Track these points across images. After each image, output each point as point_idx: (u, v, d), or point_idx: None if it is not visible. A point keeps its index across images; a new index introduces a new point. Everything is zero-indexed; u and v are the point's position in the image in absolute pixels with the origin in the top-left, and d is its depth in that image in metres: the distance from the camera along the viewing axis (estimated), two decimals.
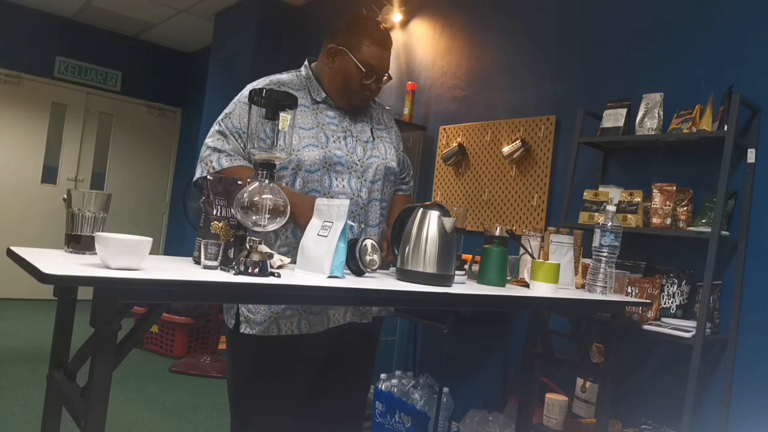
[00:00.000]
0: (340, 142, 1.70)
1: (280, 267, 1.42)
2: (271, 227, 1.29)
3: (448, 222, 1.50)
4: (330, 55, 1.72)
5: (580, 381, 2.46)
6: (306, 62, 1.82)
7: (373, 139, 1.79)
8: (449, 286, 1.51)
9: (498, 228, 1.76)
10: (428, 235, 1.49)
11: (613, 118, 2.53)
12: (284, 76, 1.75)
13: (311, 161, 1.63)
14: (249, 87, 1.70)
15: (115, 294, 1.06)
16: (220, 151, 1.65)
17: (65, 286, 1.27)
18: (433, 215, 1.51)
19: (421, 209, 1.53)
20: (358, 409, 1.92)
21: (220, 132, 1.68)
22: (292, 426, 1.72)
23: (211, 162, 1.65)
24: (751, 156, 2.25)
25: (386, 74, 1.74)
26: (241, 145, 1.66)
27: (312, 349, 1.70)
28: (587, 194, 2.54)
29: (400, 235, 1.59)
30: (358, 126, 1.77)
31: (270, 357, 1.66)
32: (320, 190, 1.65)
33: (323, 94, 1.73)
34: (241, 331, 1.64)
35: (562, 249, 1.95)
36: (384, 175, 1.77)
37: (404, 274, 1.50)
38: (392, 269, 1.72)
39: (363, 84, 1.69)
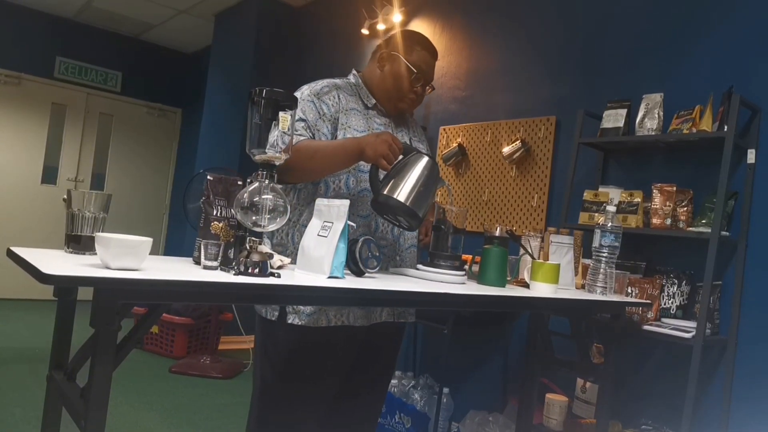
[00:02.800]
0: None
1: (280, 267, 1.42)
2: (271, 227, 1.29)
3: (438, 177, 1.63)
4: (382, 60, 1.81)
5: (580, 381, 2.46)
6: (353, 71, 1.90)
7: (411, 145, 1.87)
8: (415, 227, 1.62)
9: (498, 228, 1.76)
10: (414, 171, 1.59)
11: (613, 118, 2.53)
12: (339, 81, 1.81)
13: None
14: (305, 87, 1.76)
15: (115, 294, 1.06)
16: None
17: (65, 286, 1.27)
18: (424, 159, 1.62)
19: (416, 152, 1.63)
20: (378, 410, 1.97)
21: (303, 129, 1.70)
22: (315, 428, 1.74)
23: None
24: (751, 156, 2.25)
25: (431, 83, 1.83)
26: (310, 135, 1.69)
27: (347, 346, 1.73)
28: (587, 195, 2.54)
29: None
30: (399, 135, 1.85)
31: (309, 349, 1.68)
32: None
33: (373, 100, 1.81)
34: (289, 321, 1.66)
35: (562, 249, 1.95)
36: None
37: (379, 203, 1.58)
38: (392, 270, 1.72)
39: (412, 87, 1.78)
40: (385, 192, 1.57)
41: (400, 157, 1.60)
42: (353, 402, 1.84)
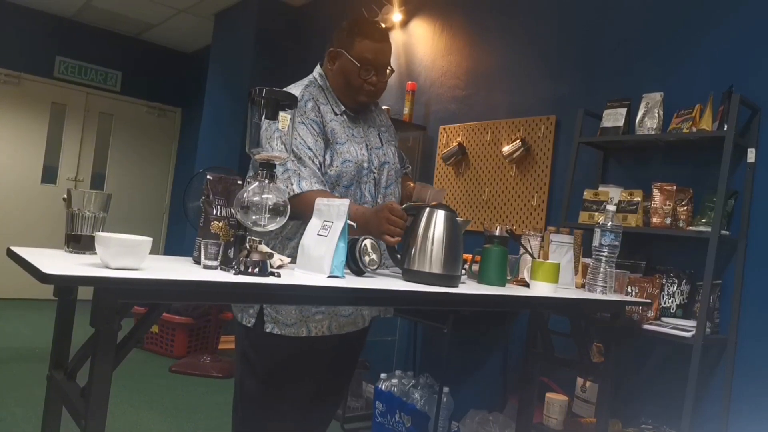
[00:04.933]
0: (363, 153, 1.74)
1: (280, 267, 1.42)
2: (271, 227, 1.29)
3: (461, 223, 1.51)
4: (331, 59, 1.77)
5: (580, 381, 2.46)
6: (319, 69, 1.83)
7: (382, 144, 1.83)
8: (455, 286, 1.51)
9: (498, 228, 1.76)
10: (435, 235, 1.49)
11: (613, 117, 2.53)
12: (312, 89, 1.75)
13: (349, 177, 1.69)
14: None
15: (115, 294, 1.06)
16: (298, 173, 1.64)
17: (65, 286, 1.27)
18: (440, 215, 1.51)
19: (428, 209, 1.53)
20: (336, 410, 2.00)
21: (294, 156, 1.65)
22: (293, 427, 1.73)
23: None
24: (751, 156, 2.25)
25: (387, 68, 1.76)
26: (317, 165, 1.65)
27: (330, 351, 1.73)
28: (587, 194, 2.54)
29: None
30: (370, 134, 1.82)
31: (291, 357, 1.67)
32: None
33: (342, 107, 1.77)
34: (267, 330, 1.64)
35: (562, 249, 1.95)
36: (395, 179, 1.84)
37: (410, 275, 1.50)
38: (392, 269, 1.72)
39: (362, 79, 1.72)
40: (414, 268, 1.50)
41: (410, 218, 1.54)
42: (325, 404, 1.85)
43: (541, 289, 1.71)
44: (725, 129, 2.15)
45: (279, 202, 1.30)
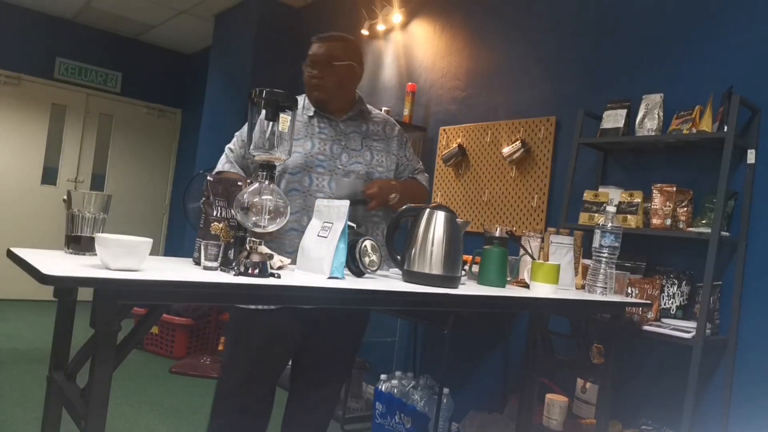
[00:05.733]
0: (325, 148, 1.91)
1: (280, 268, 1.42)
2: (271, 228, 1.29)
3: (461, 224, 1.51)
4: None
5: (580, 381, 2.46)
6: None
7: (362, 147, 1.97)
8: (455, 287, 1.51)
9: (498, 229, 1.76)
10: (434, 236, 1.49)
11: (613, 118, 2.53)
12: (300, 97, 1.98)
13: (294, 165, 1.86)
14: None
15: (115, 295, 1.06)
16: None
17: (65, 287, 1.27)
18: (440, 216, 1.51)
19: (428, 210, 1.53)
20: (331, 399, 2.10)
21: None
22: (264, 408, 1.93)
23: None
24: (751, 156, 2.25)
25: (331, 64, 1.92)
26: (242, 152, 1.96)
27: (289, 329, 1.86)
28: (587, 195, 2.54)
29: (393, 235, 1.62)
30: (350, 137, 1.98)
31: (257, 330, 1.85)
32: (300, 189, 1.86)
33: (311, 111, 1.97)
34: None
35: (562, 250, 1.95)
36: (366, 180, 1.93)
37: (410, 276, 1.50)
38: (392, 270, 1.72)
39: (308, 74, 1.94)
40: (414, 269, 1.50)
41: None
42: (307, 390, 2.02)
43: (541, 290, 1.71)
44: (725, 130, 2.15)
45: (279, 203, 1.30)
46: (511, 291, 1.72)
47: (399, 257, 1.57)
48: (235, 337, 1.90)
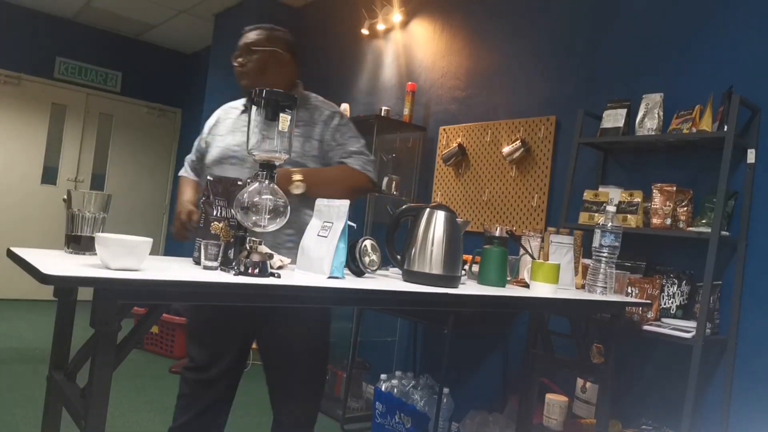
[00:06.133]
0: (243, 140, 1.80)
1: (280, 267, 1.42)
2: (271, 228, 1.29)
3: (461, 224, 1.51)
4: None
5: (580, 381, 2.46)
6: None
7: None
8: (455, 287, 1.51)
9: (498, 228, 1.76)
10: (434, 235, 1.49)
11: (613, 118, 2.53)
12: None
13: (211, 159, 1.93)
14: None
15: (115, 295, 1.06)
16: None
17: (65, 286, 1.27)
18: (440, 216, 1.51)
19: (428, 210, 1.53)
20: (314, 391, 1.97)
21: None
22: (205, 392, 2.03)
23: None
24: (751, 156, 2.25)
25: (251, 50, 1.96)
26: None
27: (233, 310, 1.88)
28: (587, 194, 2.54)
29: (393, 234, 1.60)
30: (271, 125, 1.91)
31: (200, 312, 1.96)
32: None
33: (243, 105, 1.99)
34: None
35: (562, 249, 1.95)
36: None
37: (410, 275, 1.50)
38: (392, 269, 1.72)
39: (234, 65, 1.99)
40: (414, 268, 1.51)
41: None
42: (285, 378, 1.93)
43: (541, 289, 1.71)
44: (725, 129, 2.15)
45: (279, 202, 1.30)
46: (511, 291, 1.72)
47: (399, 257, 1.57)
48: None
